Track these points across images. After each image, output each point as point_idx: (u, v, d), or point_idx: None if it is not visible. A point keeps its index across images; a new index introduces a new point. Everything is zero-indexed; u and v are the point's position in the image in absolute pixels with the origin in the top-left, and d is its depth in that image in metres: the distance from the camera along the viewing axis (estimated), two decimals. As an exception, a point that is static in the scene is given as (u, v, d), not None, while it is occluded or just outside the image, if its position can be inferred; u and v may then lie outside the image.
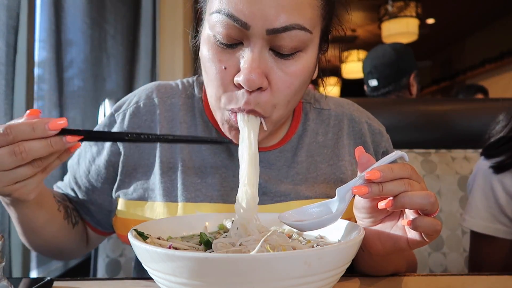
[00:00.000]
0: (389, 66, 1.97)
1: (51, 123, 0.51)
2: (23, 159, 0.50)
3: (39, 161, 0.52)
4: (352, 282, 0.63)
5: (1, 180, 0.52)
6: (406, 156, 0.53)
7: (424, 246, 0.54)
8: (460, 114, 1.39)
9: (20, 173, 0.52)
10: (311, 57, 0.62)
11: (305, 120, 0.78)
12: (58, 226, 0.74)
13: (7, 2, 1.16)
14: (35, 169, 0.53)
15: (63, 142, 0.52)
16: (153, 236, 0.55)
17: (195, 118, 0.76)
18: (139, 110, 0.76)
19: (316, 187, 0.73)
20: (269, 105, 0.61)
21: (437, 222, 0.51)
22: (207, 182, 0.71)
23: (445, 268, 1.21)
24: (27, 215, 0.67)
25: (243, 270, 0.38)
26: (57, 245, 0.77)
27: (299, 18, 0.56)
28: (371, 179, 0.49)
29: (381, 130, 0.81)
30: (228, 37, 0.58)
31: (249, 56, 0.57)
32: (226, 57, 0.59)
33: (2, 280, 0.44)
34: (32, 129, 0.50)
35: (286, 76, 0.60)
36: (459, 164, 1.29)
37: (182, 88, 0.79)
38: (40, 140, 0.51)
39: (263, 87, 0.58)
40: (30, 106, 1.26)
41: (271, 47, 0.58)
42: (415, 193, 0.49)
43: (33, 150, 0.50)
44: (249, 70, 0.56)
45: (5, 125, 0.50)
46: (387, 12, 4.75)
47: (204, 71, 0.64)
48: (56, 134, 0.51)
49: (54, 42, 1.49)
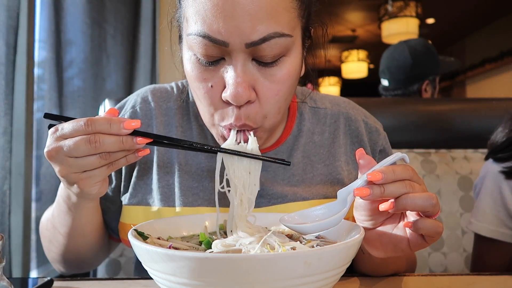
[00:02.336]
0: (402, 70, 1.90)
1: (126, 122, 0.53)
2: (96, 148, 0.53)
3: (108, 155, 0.55)
4: (352, 282, 0.63)
5: (72, 166, 0.55)
6: (406, 157, 0.53)
7: (424, 248, 0.53)
8: (460, 114, 1.38)
9: (89, 162, 0.54)
10: (296, 57, 0.62)
11: (300, 120, 0.78)
12: (103, 232, 0.78)
13: (7, 2, 1.16)
14: (102, 160, 0.55)
15: (133, 142, 0.54)
16: (153, 236, 0.55)
17: (190, 122, 0.76)
18: (136, 115, 0.76)
19: (313, 188, 0.73)
20: (259, 116, 0.61)
21: (439, 224, 0.50)
22: (204, 186, 0.72)
23: (445, 268, 1.21)
24: (87, 214, 0.69)
25: (243, 270, 0.38)
26: (95, 254, 0.80)
27: (277, 25, 0.55)
28: (372, 180, 0.49)
29: (378, 128, 0.80)
30: (209, 56, 0.58)
31: (232, 71, 0.57)
32: (210, 75, 0.59)
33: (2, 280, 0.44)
34: (109, 124, 0.53)
35: (273, 84, 0.59)
36: (459, 164, 1.29)
37: (177, 92, 0.79)
38: (114, 136, 0.53)
39: (251, 99, 0.58)
40: (30, 106, 1.26)
41: (253, 57, 0.58)
42: (416, 195, 0.49)
43: (106, 143, 0.53)
44: (235, 86, 0.56)
45: (87, 118, 0.53)
46: (387, 12, 4.75)
47: (193, 91, 0.64)
48: (128, 133, 0.54)
49: (54, 42, 1.49)
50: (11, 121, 1.21)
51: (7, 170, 1.20)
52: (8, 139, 1.20)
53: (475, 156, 1.31)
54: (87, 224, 0.71)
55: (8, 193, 1.21)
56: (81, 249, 0.76)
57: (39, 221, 0.82)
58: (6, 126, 1.19)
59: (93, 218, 0.71)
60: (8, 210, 1.21)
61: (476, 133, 1.35)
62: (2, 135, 1.18)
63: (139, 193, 0.73)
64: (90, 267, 0.86)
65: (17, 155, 1.25)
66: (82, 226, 0.71)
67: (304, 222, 0.54)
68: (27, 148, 1.27)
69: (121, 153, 0.56)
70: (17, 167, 1.24)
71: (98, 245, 0.78)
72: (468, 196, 1.25)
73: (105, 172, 0.57)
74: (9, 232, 1.21)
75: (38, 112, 1.43)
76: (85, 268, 0.83)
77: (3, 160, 1.18)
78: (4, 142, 1.19)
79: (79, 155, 0.54)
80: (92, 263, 0.83)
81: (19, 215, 1.25)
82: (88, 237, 0.74)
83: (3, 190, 1.19)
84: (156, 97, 0.78)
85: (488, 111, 1.37)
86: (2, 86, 1.16)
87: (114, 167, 0.57)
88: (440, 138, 1.37)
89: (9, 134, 1.20)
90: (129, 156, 0.57)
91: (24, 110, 1.25)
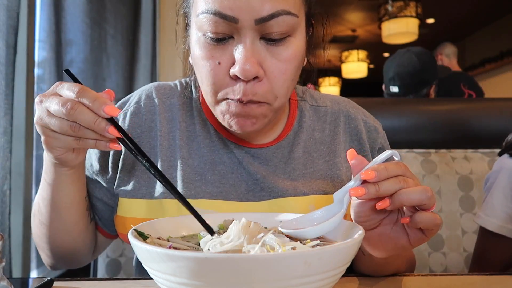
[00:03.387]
0: (412, 75, 1.98)
1: (108, 106, 0.53)
2: (69, 114, 0.53)
3: (77, 127, 0.54)
4: (352, 282, 0.63)
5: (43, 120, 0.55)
6: (397, 154, 0.53)
7: (425, 242, 0.54)
8: (460, 114, 1.39)
9: (57, 123, 0.54)
10: (300, 40, 0.64)
11: (300, 117, 0.79)
12: (81, 214, 0.74)
13: (7, 2, 1.16)
14: (70, 130, 0.54)
15: (104, 128, 0.53)
16: (153, 236, 0.55)
17: (193, 117, 0.77)
18: (140, 110, 0.77)
19: (313, 183, 0.74)
20: (270, 95, 0.63)
21: (436, 216, 0.51)
22: (206, 179, 0.72)
23: (445, 268, 1.21)
24: (61, 182, 0.67)
25: (243, 270, 0.38)
26: (73, 240, 0.76)
27: (284, 4, 0.59)
28: (366, 179, 0.49)
29: (376, 127, 0.81)
30: (218, 33, 0.60)
31: (242, 47, 0.59)
32: (219, 53, 0.61)
33: (2, 280, 0.44)
34: (93, 101, 0.53)
35: (280, 63, 0.62)
36: (459, 164, 1.29)
37: (181, 89, 0.81)
38: (91, 112, 0.53)
39: (259, 76, 0.60)
40: (30, 106, 1.26)
41: (261, 36, 0.60)
42: (411, 189, 0.50)
43: (80, 113, 0.53)
44: (244, 60, 0.58)
45: (78, 92, 0.53)
46: (387, 12, 4.75)
47: (198, 72, 0.65)
48: (105, 118, 0.53)
49: (54, 42, 1.49)
50: (11, 121, 1.21)
51: (7, 170, 1.20)
52: (8, 139, 1.20)
53: (475, 156, 1.31)
54: (63, 197, 0.69)
55: (8, 193, 1.21)
56: (59, 228, 0.73)
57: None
58: (6, 126, 1.19)
59: (69, 191, 0.69)
60: (8, 210, 1.20)
61: (476, 133, 1.35)
62: (2, 135, 1.18)
63: (143, 186, 0.73)
64: (75, 258, 0.80)
65: (17, 155, 1.25)
66: (58, 198, 0.69)
67: (302, 227, 0.54)
68: (27, 148, 1.27)
69: (91, 134, 0.55)
70: (17, 167, 1.24)
71: (77, 228, 0.75)
72: (468, 196, 1.25)
73: (70, 142, 0.56)
74: (9, 232, 1.21)
75: (38, 112, 1.43)
76: (69, 260, 0.79)
77: (3, 160, 1.18)
78: (4, 142, 1.19)
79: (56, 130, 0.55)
80: (74, 253, 0.78)
81: (19, 215, 1.25)
82: (64, 214, 0.71)
83: (3, 190, 1.19)
84: (160, 94, 0.79)
85: (488, 111, 1.37)
86: (2, 86, 1.17)
87: (81, 143, 0.56)
88: (440, 138, 1.37)
89: (9, 134, 1.20)
90: (99, 142, 0.56)
91: (24, 110, 1.25)
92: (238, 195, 0.72)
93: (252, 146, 0.74)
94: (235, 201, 0.72)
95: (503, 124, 1.36)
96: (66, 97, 0.54)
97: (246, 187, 0.73)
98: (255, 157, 0.74)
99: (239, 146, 0.74)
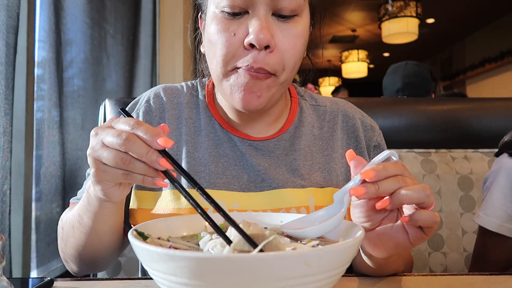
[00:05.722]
0: (420, 86, 2.10)
1: (162, 138, 0.51)
2: (123, 145, 0.51)
3: (128, 159, 0.53)
4: (352, 282, 0.63)
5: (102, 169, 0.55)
6: (396, 154, 0.54)
7: (424, 241, 0.54)
8: (460, 114, 1.39)
9: (108, 156, 0.53)
10: (306, 22, 0.71)
11: (301, 113, 0.83)
12: (119, 235, 0.75)
13: (7, 2, 1.16)
14: (120, 162, 0.53)
15: (156, 160, 0.52)
16: (153, 236, 0.55)
17: (199, 113, 0.81)
18: (151, 108, 0.81)
19: (311, 175, 0.77)
20: (279, 66, 0.68)
21: (435, 214, 0.51)
22: (210, 170, 0.75)
23: (445, 268, 1.21)
24: (103, 216, 0.67)
25: (243, 270, 0.38)
26: (109, 252, 0.77)
27: None
28: (366, 179, 0.50)
29: (373, 126, 0.85)
30: (235, 7, 0.66)
31: (256, 19, 0.66)
32: (234, 26, 0.67)
33: (2, 280, 0.44)
34: (147, 132, 0.51)
35: (289, 37, 0.68)
36: (459, 164, 1.29)
37: (187, 89, 0.85)
38: (143, 143, 0.52)
39: (271, 46, 0.66)
40: (30, 106, 1.26)
41: (273, 12, 0.67)
42: (410, 188, 0.50)
43: (133, 144, 0.51)
44: (259, 29, 0.64)
45: (132, 125, 0.52)
46: (387, 12, 4.76)
47: (211, 48, 0.69)
48: (158, 150, 0.52)
49: (54, 42, 1.49)
50: (11, 121, 1.21)
51: (7, 170, 1.20)
52: (8, 139, 1.20)
53: (475, 156, 1.31)
54: (102, 224, 0.70)
55: (8, 193, 1.21)
56: (96, 250, 0.75)
57: (39, 221, 0.82)
58: (6, 126, 1.19)
59: (110, 221, 0.70)
60: (8, 210, 1.21)
61: (476, 133, 1.35)
62: (2, 135, 1.18)
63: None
64: (103, 267, 0.85)
65: (17, 155, 1.25)
66: (98, 226, 0.69)
67: (304, 227, 0.54)
68: (27, 148, 1.27)
69: (141, 168, 0.54)
70: (17, 167, 1.24)
71: (113, 247, 0.77)
72: (468, 196, 1.25)
73: (118, 176, 0.55)
74: (9, 232, 1.21)
75: (38, 112, 1.43)
76: (97, 268, 0.82)
77: (3, 160, 1.19)
78: (4, 142, 1.19)
79: (108, 163, 0.54)
80: (105, 264, 0.82)
81: (19, 215, 1.26)
82: (102, 237, 0.73)
83: (3, 190, 1.19)
84: (168, 94, 0.83)
85: (488, 111, 1.37)
86: (2, 86, 1.17)
87: (129, 177, 0.55)
88: (440, 138, 1.37)
89: (9, 134, 1.20)
90: (147, 178, 0.55)
91: (24, 110, 1.25)
92: (240, 186, 0.75)
93: (255, 139, 0.78)
94: (237, 192, 0.74)
95: (503, 124, 1.35)
96: (121, 129, 0.53)
97: (248, 178, 0.75)
98: (258, 149, 0.77)
99: (243, 140, 0.77)
